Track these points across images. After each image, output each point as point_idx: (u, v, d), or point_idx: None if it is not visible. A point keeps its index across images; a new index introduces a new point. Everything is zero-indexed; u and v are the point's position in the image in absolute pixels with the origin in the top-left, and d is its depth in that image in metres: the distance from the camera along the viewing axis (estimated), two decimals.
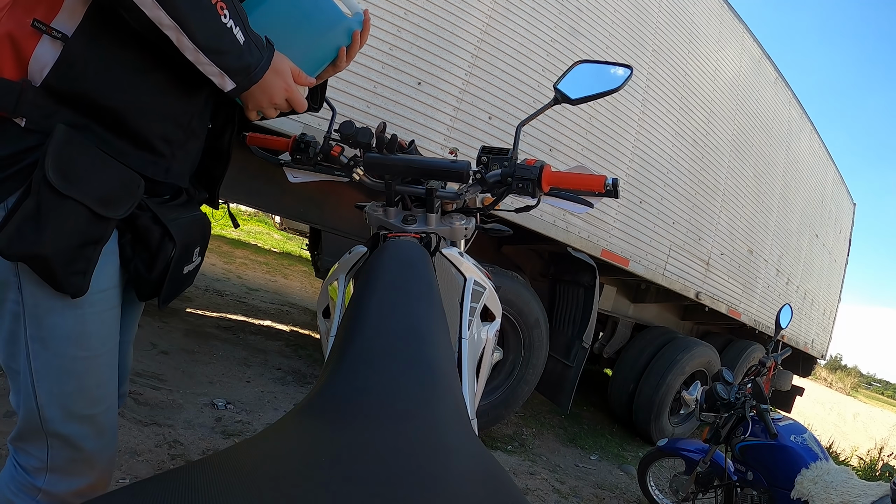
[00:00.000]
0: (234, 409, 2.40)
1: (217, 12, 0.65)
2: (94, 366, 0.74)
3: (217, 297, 4.42)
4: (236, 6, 0.67)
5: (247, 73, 0.70)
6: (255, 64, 0.70)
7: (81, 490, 0.77)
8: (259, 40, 0.72)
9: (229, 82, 0.70)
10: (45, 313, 0.68)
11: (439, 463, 0.36)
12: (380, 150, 0.99)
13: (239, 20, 0.68)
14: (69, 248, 0.65)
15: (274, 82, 0.74)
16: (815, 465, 1.97)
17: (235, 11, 0.67)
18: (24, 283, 0.67)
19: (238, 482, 0.28)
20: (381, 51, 2.42)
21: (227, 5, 0.66)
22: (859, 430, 11.67)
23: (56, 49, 0.63)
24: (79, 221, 0.65)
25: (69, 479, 0.76)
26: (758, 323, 4.66)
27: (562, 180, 0.92)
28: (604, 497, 2.86)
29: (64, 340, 0.70)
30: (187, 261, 0.83)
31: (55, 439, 0.73)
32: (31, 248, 0.62)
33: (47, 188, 0.62)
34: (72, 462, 0.75)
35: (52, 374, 0.70)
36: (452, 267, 0.86)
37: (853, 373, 32.65)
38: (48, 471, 0.74)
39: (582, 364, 3.08)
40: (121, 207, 0.69)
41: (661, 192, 3.50)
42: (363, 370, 0.47)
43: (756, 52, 4.19)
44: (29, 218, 0.62)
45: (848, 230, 6.38)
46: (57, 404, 0.72)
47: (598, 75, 1.00)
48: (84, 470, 0.77)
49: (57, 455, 0.74)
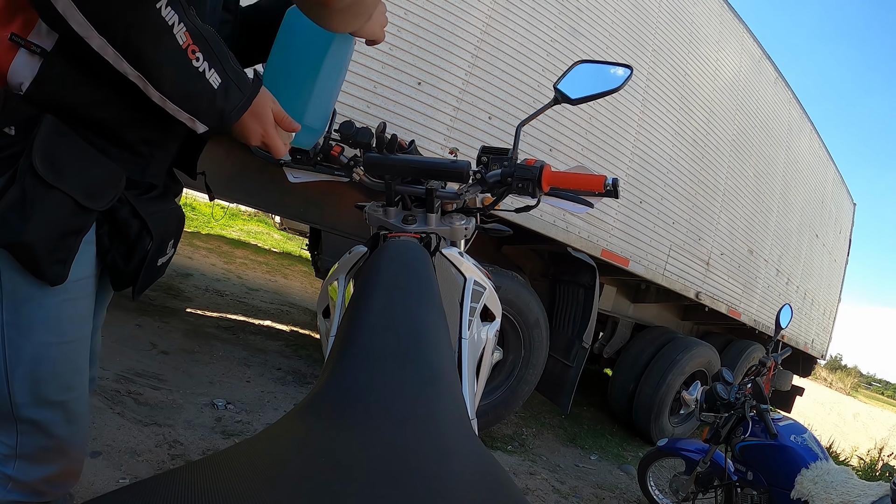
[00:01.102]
0: (234, 409, 2.40)
1: (187, 57, 0.62)
2: (67, 352, 0.74)
3: (217, 297, 4.42)
4: (212, 45, 0.65)
5: (220, 117, 0.68)
6: (230, 108, 0.68)
7: (52, 477, 0.78)
8: (242, 79, 0.69)
9: (200, 126, 0.69)
10: (22, 300, 0.69)
11: (439, 463, 0.36)
12: (380, 150, 0.99)
13: (215, 60, 0.65)
14: (52, 238, 0.66)
15: (251, 126, 0.71)
16: (815, 465, 1.97)
17: (211, 51, 0.65)
18: (3, 269, 0.67)
19: (238, 482, 0.28)
20: (381, 51, 2.42)
21: (201, 47, 0.63)
22: (859, 430, 11.67)
23: (34, 63, 0.63)
24: (63, 212, 0.66)
25: (39, 467, 0.76)
26: (758, 323, 4.66)
27: (562, 180, 0.91)
28: (604, 497, 2.86)
29: (40, 327, 0.71)
30: (162, 253, 0.84)
31: (26, 425, 0.73)
32: (15, 236, 0.63)
33: (33, 177, 0.63)
34: (42, 449, 0.75)
35: (26, 360, 0.71)
36: (452, 267, 0.86)
37: (853, 373, 32.65)
38: (17, 458, 0.74)
39: (582, 364, 3.08)
40: (103, 200, 0.70)
41: (661, 192, 3.50)
42: (363, 370, 0.47)
43: (756, 52, 4.19)
44: (14, 206, 0.62)
45: (848, 230, 6.38)
46: (29, 390, 0.72)
47: (598, 75, 1.00)
48: (54, 457, 0.77)
49: (27, 442, 0.74)
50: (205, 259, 5.83)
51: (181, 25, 0.61)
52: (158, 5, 0.58)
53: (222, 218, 9.51)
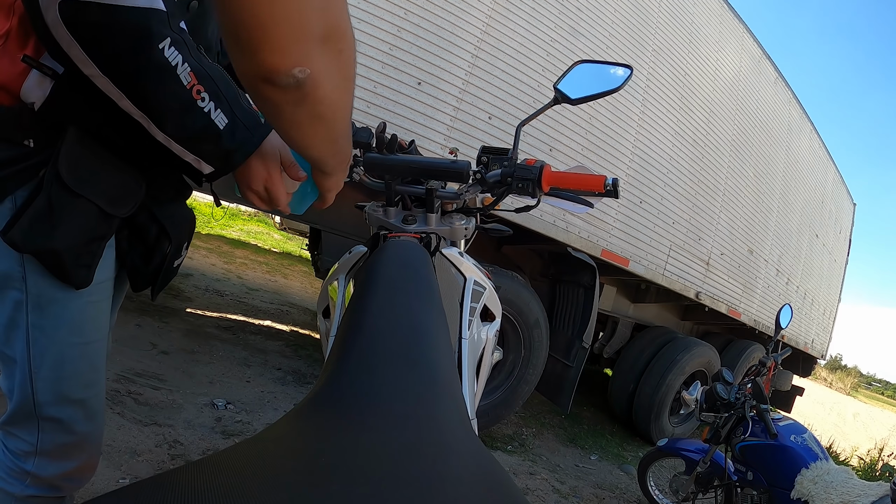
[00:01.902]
0: (234, 409, 2.40)
1: (192, 98, 0.61)
2: (88, 351, 0.77)
3: (217, 297, 4.42)
4: (219, 84, 0.63)
5: (226, 159, 0.67)
6: (236, 148, 0.66)
7: (70, 472, 0.79)
8: (251, 119, 0.67)
9: (206, 167, 0.68)
10: (47, 303, 0.71)
11: (439, 463, 0.36)
12: (380, 150, 0.99)
13: (222, 100, 0.64)
14: (79, 244, 0.68)
15: (256, 169, 0.69)
16: (815, 465, 1.97)
17: (217, 91, 0.63)
18: (29, 273, 0.69)
19: (238, 482, 0.28)
20: (381, 51, 2.42)
21: (206, 86, 0.62)
22: (859, 430, 11.67)
23: (46, 84, 0.63)
24: (89, 219, 0.68)
25: (58, 463, 0.78)
26: (758, 323, 4.66)
27: (562, 180, 0.91)
28: (604, 497, 2.86)
29: (64, 328, 0.73)
30: (178, 255, 0.87)
31: (48, 423, 0.75)
32: (43, 243, 0.65)
33: (59, 186, 0.64)
34: (62, 445, 0.77)
35: (50, 360, 0.73)
36: (452, 267, 0.85)
37: (853, 373, 32.65)
38: (37, 454, 0.76)
39: (582, 364, 3.08)
40: (126, 206, 0.72)
41: (661, 192, 3.49)
42: (363, 370, 0.47)
43: (756, 52, 4.19)
44: (42, 214, 0.64)
45: (848, 230, 6.38)
46: (52, 389, 0.74)
47: (598, 75, 1.00)
48: (73, 453, 0.79)
49: (47, 438, 0.76)
50: (205, 259, 5.83)
51: (185, 66, 0.60)
52: (161, 45, 0.58)
53: (222, 218, 9.52)
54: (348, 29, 0.48)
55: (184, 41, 0.60)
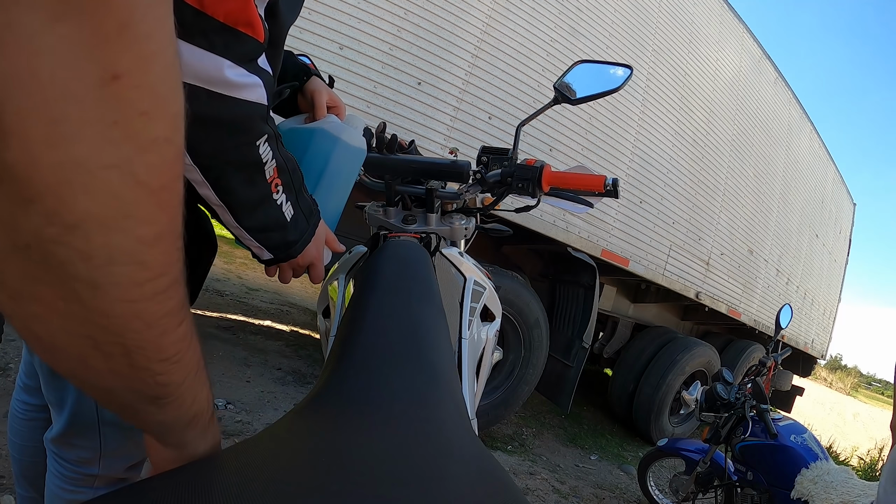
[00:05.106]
0: (234, 409, 2.40)
1: (270, 191, 0.60)
2: None
3: (217, 297, 4.42)
4: (291, 176, 0.63)
5: (286, 249, 0.67)
6: (296, 239, 0.67)
7: (135, 463, 0.83)
8: (309, 208, 0.67)
9: (266, 254, 0.67)
10: None
11: (439, 463, 0.35)
12: (380, 150, 0.99)
13: (292, 191, 0.63)
14: None
15: (309, 253, 0.70)
16: (815, 465, 1.97)
17: (290, 183, 0.62)
18: None
19: (238, 482, 0.28)
20: (381, 51, 2.42)
21: (283, 180, 0.61)
22: (859, 430, 11.67)
23: None
24: None
25: (123, 458, 0.81)
26: (758, 323, 4.66)
27: (562, 180, 0.91)
28: (604, 497, 2.86)
29: None
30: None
31: (108, 427, 0.77)
32: None
33: None
34: (125, 442, 0.80)
35: None
36: (452, 267, 0.85)
37: (853, 373, 32.64)
38: (102, 457, 0.78)
39: (582, 364, 3.08)
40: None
41: (661, 192, 3.50)
42: (363, 370, 0.47)
43: (756, 52, 4.19)
44: None
45: (848, 230, 6.38)
46: None
47: (598, 75, 1.00)
48: (132, 446, 0.81)
49: (110, 441, 0.78)
50: None
51: (273, 161, 0.59)
52: (258, 143, 0.56)
53: None
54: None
55: (275, 134, 0.59)
